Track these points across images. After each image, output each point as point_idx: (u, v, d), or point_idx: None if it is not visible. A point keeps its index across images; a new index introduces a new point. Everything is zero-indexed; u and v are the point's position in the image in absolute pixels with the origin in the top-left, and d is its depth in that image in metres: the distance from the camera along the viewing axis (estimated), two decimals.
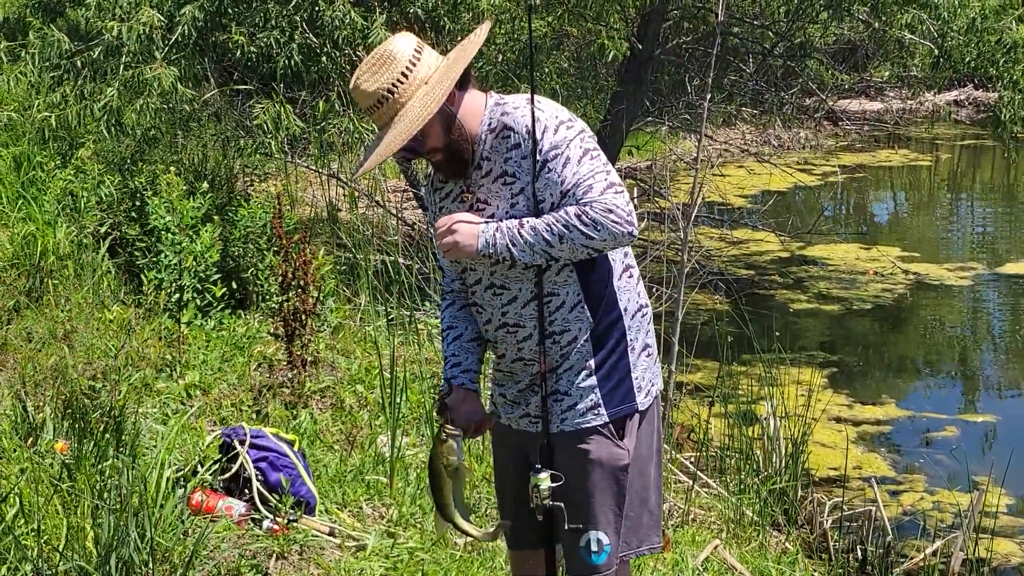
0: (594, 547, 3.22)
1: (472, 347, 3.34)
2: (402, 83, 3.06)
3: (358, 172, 3.50)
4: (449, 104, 3.10)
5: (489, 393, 3.48)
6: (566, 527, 3.18)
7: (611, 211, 3.04)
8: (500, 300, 3.21)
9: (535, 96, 3.11)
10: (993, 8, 9.54)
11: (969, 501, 6.00)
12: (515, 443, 3.37)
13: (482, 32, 3.23)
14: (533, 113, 3.07)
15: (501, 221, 3.11)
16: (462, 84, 3.14)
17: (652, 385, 3.31)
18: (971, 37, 9.60)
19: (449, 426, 3.18)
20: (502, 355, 3.28)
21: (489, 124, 3.15)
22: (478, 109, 3.17)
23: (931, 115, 21.98)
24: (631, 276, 3.28)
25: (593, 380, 3.20)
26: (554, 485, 3.14)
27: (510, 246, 3.07)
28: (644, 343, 3.29)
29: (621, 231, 3.04)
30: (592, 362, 3.20)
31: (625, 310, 3.23)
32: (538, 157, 3.06)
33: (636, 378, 3.25)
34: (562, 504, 3.15)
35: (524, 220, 3.08)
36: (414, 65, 3.08)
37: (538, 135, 3.06)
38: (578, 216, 3.03)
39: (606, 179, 3.07)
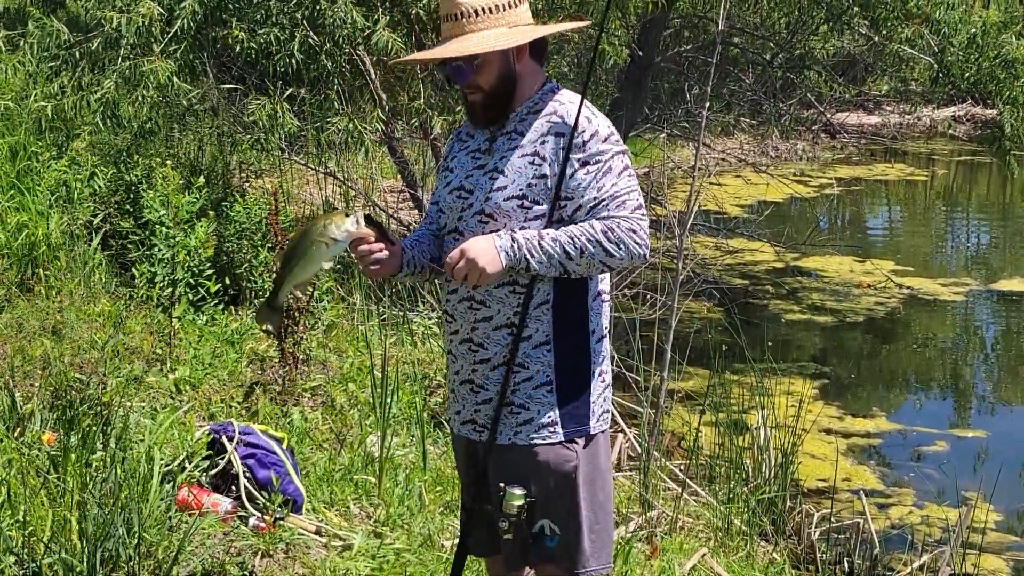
0: (547, 531, 3.19)
1: (425, 245, 3.32)
2: (487, 14, 3.11)
3: (404, 58, 3.71)
4: (517, 59, 3.14)
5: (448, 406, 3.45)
6: (513, 522, 3.15)
7: (635, 232, 3.06)
8: (474, 315, 3.18)
9: (588, 102, 3.16)
10: (994, 24, 9.54)
11: (957, 516, 5.99)
12: (464, 450, 3.37)
13: (579, 23, 3.47)
14: (580, 109, 3.09)
15: (512, 230, 3.09)
16: (536, 53, 3.20)
17: (605, 413, 3.29)
18: (971, 52, 9.60)
19: (365, 222, 3.12)
20: (456, 372, 3.27)
21: (536, 103, 3.17)
22: (535, 83, 3.19)
23: (929, 130, 22.03)
24: (603, 301, 3.25)
25: (553, 397, 3.17)
26: (524, 503, 3.12)
27: (528, 257, 3.04)
28: (602, 369, 3.27)
29: (639, 252, 3.07)
30: (554, 378, 3.17)
31: (592, 332, 3.21)
32: (580, 156, 3.07)
33: (593, 402, 3.23)
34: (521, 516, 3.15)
35: (544, 231, 3.06)
36: (507, 8, 3.13)
37: (587, 136, 3.08)
38: (604, 232, 3.03)
39: (638, 200, 3.10)
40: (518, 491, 3.11)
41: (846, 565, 5.86)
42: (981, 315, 11.58)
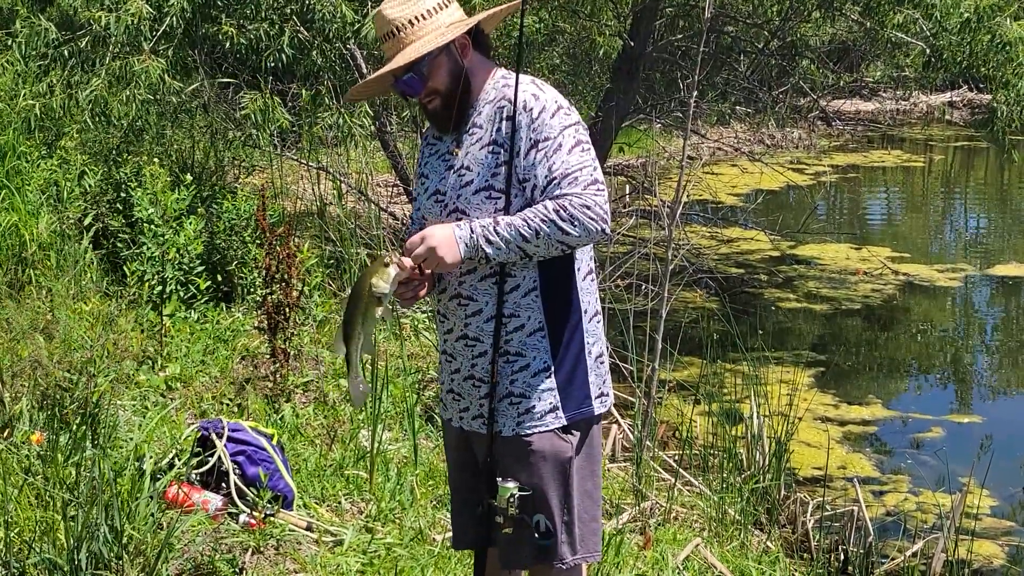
0: (542, 528, 3.18)
1: None
2: (421, 21, 3.12)
3: (354, 89, 3.52)
4: (462, 56, 3.15)
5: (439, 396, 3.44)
6: (510, 515, 3.14)
7: (588, 207, 3.03)
8: (464, 311, 3.18)
9: (534, 79, 3.18)
10: (987, 7, 9.50)
11: (952, 503, 5.98)
12: (464, 444, 3.33)
13: (513, 4, 3.37)
14: (517, 87, 3.08)
15: (473, 213, 3.11)
16: (479, 45, 3.22)
17: (605, 394, 3.29)
18: (964, 36, 9.56)
19: (401, 257, 3.10)
20: (456, 370, 3.25)
21: (490, 94, 3.17)
22: (486, 75, 3.20)
23: (925, 116, 22.00)
24: (592, 279, 3.26)
25: (552, 382, 3.17)
26: (522, 495, 3.12)
27: (484, 246, 3.04)
28: (600, 350, 3.27)
29: (596, 227, 3.03)
30: (551, 363, 3.17)
31: (585, 312, 3.21)
32: (531, 136, 3.06)
33: (591, 382, 3.23)
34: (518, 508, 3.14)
35: (499, 218, 3.06)
36: (438, 12, 3.14)
37: (535, 114, 3.07)
38: (557, 211, 3.01)
39: (591, 175, 3.06)
40: (510, 484, 3.12)
41: (841, 553, 5.84)
42: (978, 301, 11.56)
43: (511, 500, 3.11)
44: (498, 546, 3.26)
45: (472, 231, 3.05)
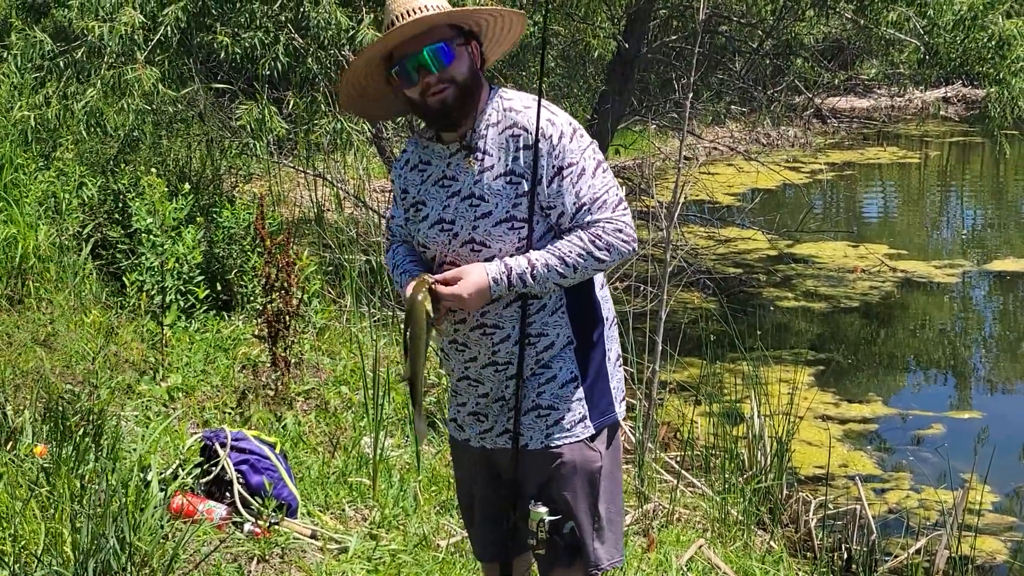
0: (576, 533, 3.18)
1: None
2: (433, 7, 3.04)
3: (346, 104, 3.35)
4: (474, 60, 3.09)
5: (450, 416, 3.39)
6: (541, 538, 3.14)
7: (621, 231, 3.05)
8: (491, 340, 3.13)
9: (543, 101, 3.09)
10: (981, 4, 9.51)
11: (954, 499, 5.99)
12: (485, 462, 3.30)
13: (517, 34, 3.26)
14: (539, 117, 3.03)
15: (502, 255, 3.05)
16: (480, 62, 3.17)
17: (623, 394, 3.30)
18: (958, 33, 9.57)
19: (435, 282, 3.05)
20: (484, 394, 3.21)
21: (492, 117, 3.10)
22: (484, 92, 3.13)
23: (920, 112, 22.02)
24: (606, 288, 3.28)
25: (580, 392, 3.16)
26: (553, 519, 3.12)
27: (518, 289, 3.03)
28: (617, 352, 3.29)
29: (628, 249, 3.07)
30: (578, 373, 3.16)
31: (604, 319, 3.22)
32: (553, 163, 3.02)
33: (613, 388, 3.23)
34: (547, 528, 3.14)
35: (533, 257, 3.03)
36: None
37: (555, 140, 3.03)
38: (592, 242, 3.02)
39: (617, 195, 3.08)
40: (541, 508, 3.11)
41: (844, 551, 5.86)
42: (976, 296, 11.58)
43: (541, 524, 3.11)
44: (535, 557, 3.27)
45: (510, 282, 3.02)
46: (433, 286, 3.03)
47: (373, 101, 3.26)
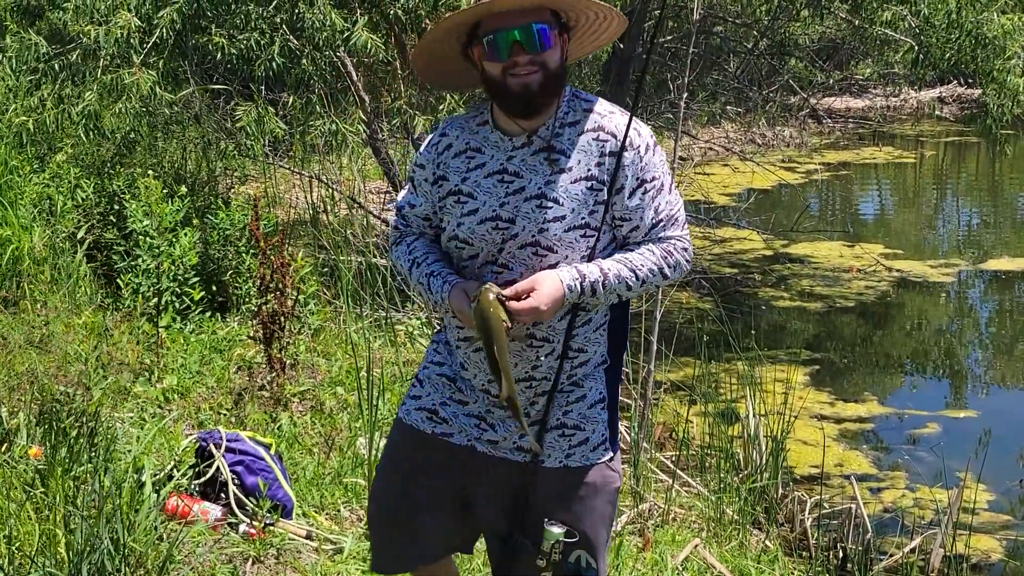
0: (583, 563, 3.04)
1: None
2: None
3: (425, 74, 3.09)
4: (564, 52, 2.91)
5: (423, 405, 3.15)
6: (553, 560, 2.99)
7: (687, 249, 3.02)
8: (537, 352, 2.97)
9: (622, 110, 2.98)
10: (974, 2, 9.52)
11: (949, 498, 6.00)
12: (470, 463, 3.09)
13: (612, 32, 3.07)
14: (630, 124, 2.90)
15: (575, 262, 2.89)
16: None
17: None
18: (951, 32, 9.59)
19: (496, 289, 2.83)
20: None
21: (570, 116, 2.94)
22: (562, 89, 2.95)
23: (915, 112, 22.05)
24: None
25: (606, 414, 3.07)
26: (570, 541, 2.97)
27: (587, 299, 2.90)
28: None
29: (688, 269, 3.04)
30: (606, 394, 3.07)
31: (627, 341, 3.15)
32: (638, 175, 2.92)
33: (619, 408, 3.17)
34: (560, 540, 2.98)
35: (606, 268, 2.90)
36: None
37: (642, 152, 2.92)
38: (664, 258, 2.95)
39: (683, 214, 3.02)
40: (556, 529, 2.95)
41: (839, 550, 5.86)
42: (972, 296, 11.59)
43: (556, 546, 2.96)
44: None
45: (583, 290, 2.87)
46: (503, 300, 2.81)
47: (444, 68, 3.06)
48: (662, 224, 2.97)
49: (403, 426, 3.18)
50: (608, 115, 2.94)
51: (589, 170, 2.90)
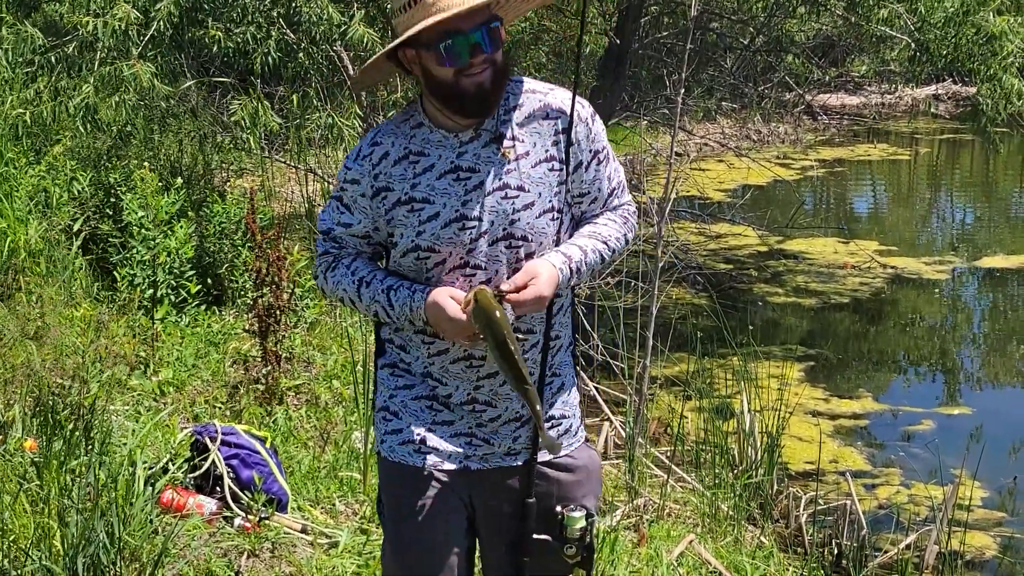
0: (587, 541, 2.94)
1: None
2: None
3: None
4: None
5: (400, 440, 2.92)
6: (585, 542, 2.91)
7: (635, 213, 2.98)
8: (523, 345, 2.84)
9: (531, 80, 2.88)
10: (971, 1, 9.53)
11: (944, 494, 6.01)
12: (487, 486, 2.93)
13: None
14: (575, 98, 2.81)
15: (552, 243, 2.81)
16: None
17: None
18: (948, 31, 9.60)
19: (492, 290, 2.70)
20: (495, 417, 2.89)
21: (511, 100, 2.81)
22: None
23: (910, 110, 22.06)
24: None
25: (576, 395, 3.04)
26: (591, 519, 2.90)
27: (576, 278, 2.83)
28: None
29: (635, 232, 3.00)
30: (575, 377, 3.03)
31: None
32: (591, 148, 2.85)
33: None
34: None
35: (582, 244, 2.84)
36: None
37: (590, 124, 2.84)
38: (624, 224, 2.93)
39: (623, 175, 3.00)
40: (577, 513, 2.87)
41: (834, 547, 5.87)
42: (966, 293, 11.61)
43: (584, 530, 2.87)
44: (574, 566, 2.96)
45: (570, 270, 2.78)
46: (500, 294, 2.70)
47: (370, 71, 2.93)
48: (615, 192, 2.93)
49: (391, 465, 2.92)
50: (550, 92, 2.85)
51: (547, 151, 2.80)
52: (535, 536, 2.89)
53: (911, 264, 11.76)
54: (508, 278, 2.76)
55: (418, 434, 2.89)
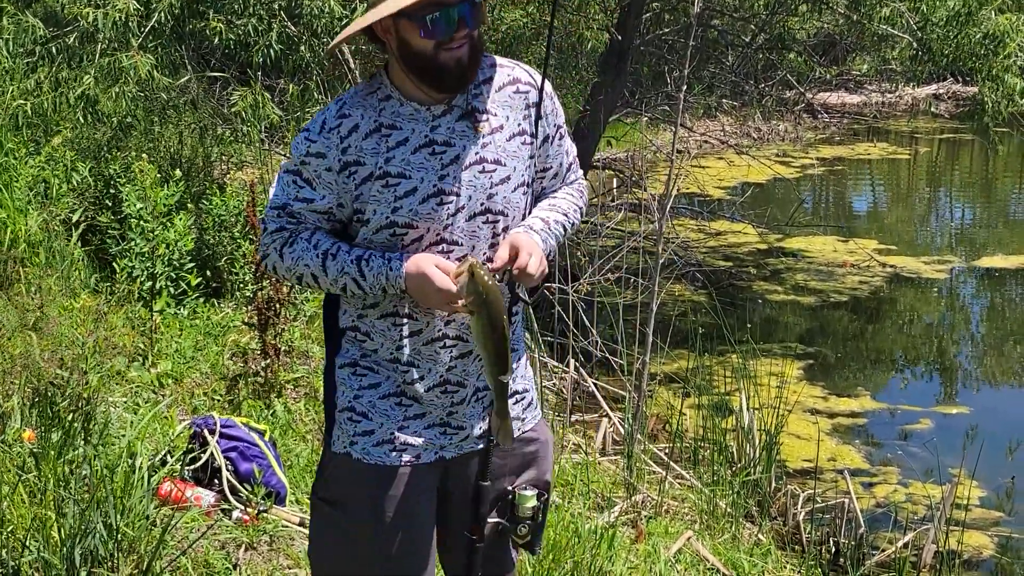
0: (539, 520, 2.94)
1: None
2: None
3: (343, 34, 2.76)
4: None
5: (375, 441, 2.81)
6: (537, 521, 2.90)
7: (587, 187, 3.02)
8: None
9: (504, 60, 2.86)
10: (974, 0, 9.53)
11: (942, 493, 6.01)
12: (460, 473, 2.88)
13: None
14: (545, 72, 2.81)
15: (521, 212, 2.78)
16: None
17: None
18: (951, 29, 9.60)
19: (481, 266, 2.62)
20: (463, 399, 2.82)
21: (479, 74, 2.75)
22: None
23: (910, 109, 22.06)
24: None
25: (530, 371, 3.01)
26: (538, 502, 2.88)
27: (550, 251, 2.80)
28: None
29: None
30: (524, 349, 2.99)
31: None
32: (555, 122, 2.85)
33: None
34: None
35: (546, 217, 2.82)
36: None
37: (553, 98, 2.84)
38: (580, 198, 2.94)
39: None
40: (529, 492, 2.86)
41: (832, 545, 5.88)
42: (965, 292, 11.61)
43: (536, 508, 2.86)
44: (519, 547, 2.97)
45: (545, 240, 2.77)
46: (507, 270, 2.67)
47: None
48: (571, 167, 2.94)
49: (365, 468, 2.80)
50: (516, 67, 2.82)
51: (519, 124, 2.78)
52: (489, 520, 2.86)
53: (910, 263, 11.77)
54: (484, 254, 2.72)
55: (392, 432, 2.79)
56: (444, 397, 2.80)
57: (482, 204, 2.72)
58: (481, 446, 2.84)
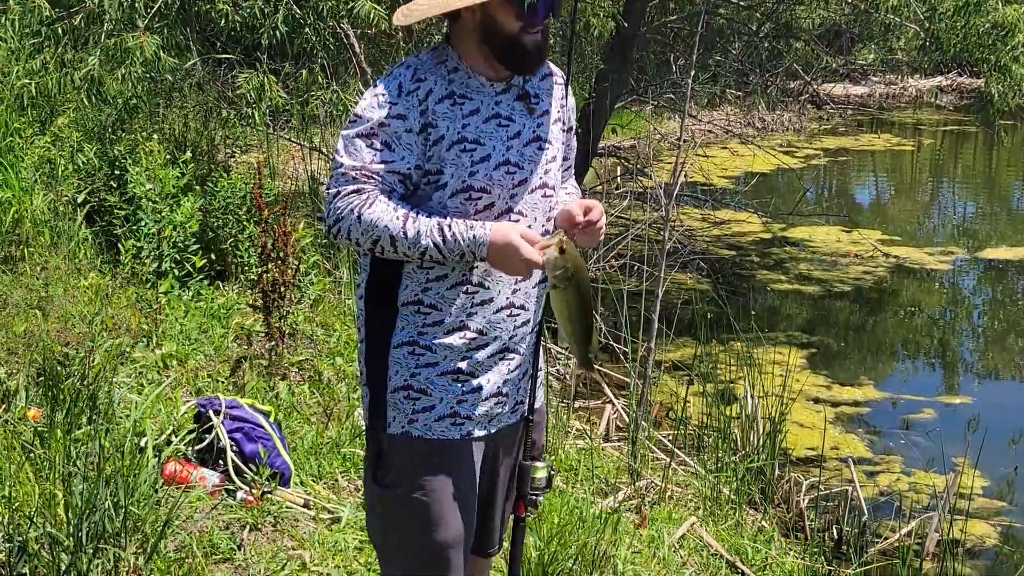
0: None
1: None
2: None
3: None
4: None
5: (438, 414, 2.86)
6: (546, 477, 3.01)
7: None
8: (515, 321, 2.89)
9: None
10: None
11: (945, 483, 6.01)
12: (507, 443, 3.01)
13: None
14: (570, 68, 3.01)
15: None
16: None
17: None
18: (958, 19, 9.58)
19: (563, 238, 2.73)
20: (517, 366, 2.92)
21: None
22: None
23: (915, 100, 22.04)
24: None
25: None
26: (548, 473, 2.99)
27: None
28: None
29: None
30: None
31: None
32: (571, 113, 3.04)
33: None
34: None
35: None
36: None
37: (571, 94, 3.05)
38: (576, 192, 3.12)
39: None
40: (540, 464, 2.97)
41: (835, 532, 5.88)
42: (968, 283, 11.61)
43: (547, 479, 2.99)
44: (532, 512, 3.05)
45: None
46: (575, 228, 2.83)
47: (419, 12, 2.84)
48: (570, 161, 3.08)
49: (427, 444, 2.86)
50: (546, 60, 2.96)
51: (559, 111, 2.96)
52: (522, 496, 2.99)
53: (913, 254, 11.76)
54: (543, 227, 2.87)
55: (452, 407, 2.85)
56: (502, 364, 2.89)
57: (540, 179, 2.86)
58: (513, 420, 2.97)
